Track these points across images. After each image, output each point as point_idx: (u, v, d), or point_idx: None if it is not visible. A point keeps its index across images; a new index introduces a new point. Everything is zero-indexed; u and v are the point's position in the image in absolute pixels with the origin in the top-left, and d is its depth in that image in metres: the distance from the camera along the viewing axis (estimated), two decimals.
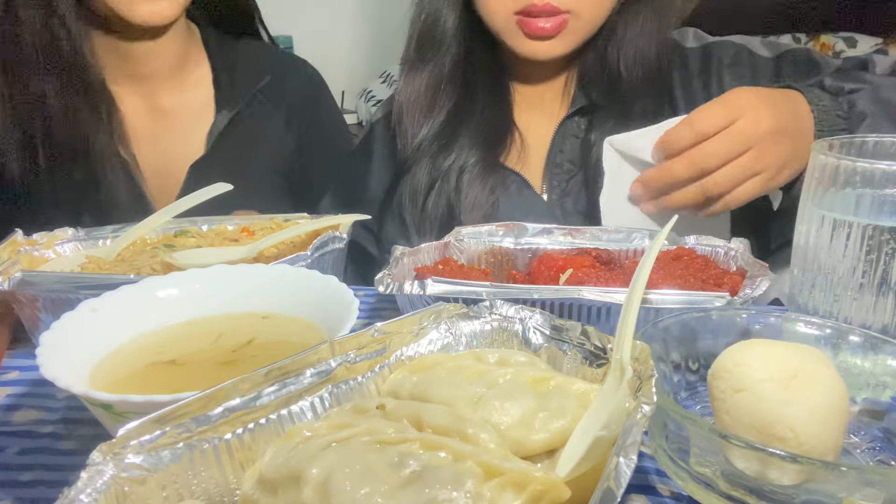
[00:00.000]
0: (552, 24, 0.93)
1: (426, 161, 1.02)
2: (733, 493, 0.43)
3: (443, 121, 1.03)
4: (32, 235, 0.77)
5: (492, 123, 1.03)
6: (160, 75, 1.14)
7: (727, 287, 0.63)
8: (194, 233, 0.84)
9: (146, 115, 1.15)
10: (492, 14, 0.97)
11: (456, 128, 1.02)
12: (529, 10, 0.92)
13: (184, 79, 1.17)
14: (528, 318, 0.50)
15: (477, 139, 1.01)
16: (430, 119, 1.03)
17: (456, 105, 1.03)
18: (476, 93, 1.04)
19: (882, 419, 0.51)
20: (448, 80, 1.03)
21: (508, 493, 0.34)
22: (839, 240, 0.55)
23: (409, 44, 1.06)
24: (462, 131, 1.02)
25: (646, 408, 0.37)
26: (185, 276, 0.62)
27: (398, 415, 0.42)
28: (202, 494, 0.40)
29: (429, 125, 1.03)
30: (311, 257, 0.70)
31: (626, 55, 0.98)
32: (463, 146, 1.01)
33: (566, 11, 0.93)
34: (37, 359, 0.47)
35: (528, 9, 0.92)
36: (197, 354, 0.55)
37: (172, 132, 1.15)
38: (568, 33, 0.95)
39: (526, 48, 0.97)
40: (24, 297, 0.66)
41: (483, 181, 0.98)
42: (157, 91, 1.15)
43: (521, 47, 0.97)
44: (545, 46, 0.96)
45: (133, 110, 1.13)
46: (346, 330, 0.50)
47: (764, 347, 0.47)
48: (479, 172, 0.99)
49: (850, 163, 0.54)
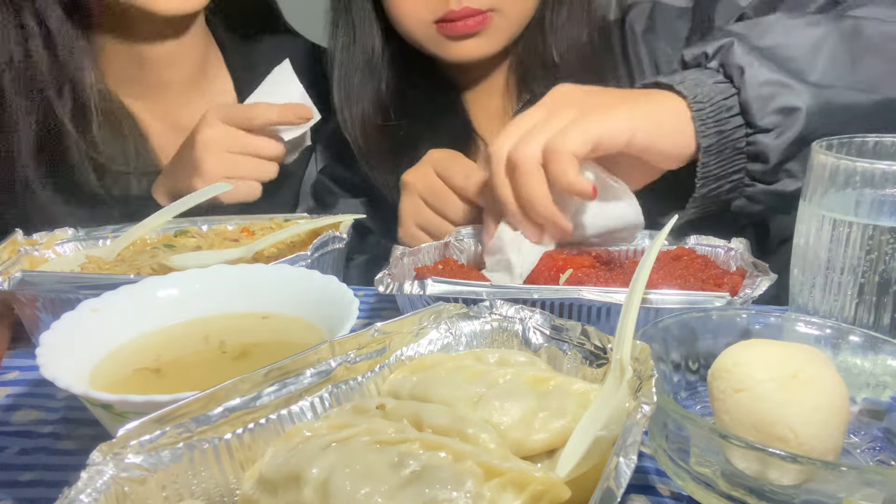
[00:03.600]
0: (473, 21, 0.91)
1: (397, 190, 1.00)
2: (733, 493, 0.43)
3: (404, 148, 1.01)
4: (32, 235, 0.77)
5: (452, 137, 1.01)
6: (178, 86, 1.10)
7: (727, 287, 0.63)
8: (194, 233, 0.84)
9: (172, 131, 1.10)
10: (410, 27, 0.95)
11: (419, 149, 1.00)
12: (448, 16, 0.90)
13: (203, 92, 1.13)
14: (528, 318, 0.50)
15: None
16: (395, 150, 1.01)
17: (411, 128, 1.02)
18: (427, 111, 1.03)
19: (882, 419, 0.51)
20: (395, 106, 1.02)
21: (508, 493, 0.34)
22: (839, 240, 0.55)
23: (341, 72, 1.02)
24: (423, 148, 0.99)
25: (646, 408, 0.37)
26: (185, 276, 0.62)
27: (398, 415, 0.42)
28: (202, 494, 0.40)
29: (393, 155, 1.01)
30: (311, 257, 0.70)
31: (558, 43, 0.96)
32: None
33: (488, 10, 0.91)
34: (37, 359, 0.47)
35: (446, 15, 0.90)
36: (197, 354, 0.55)
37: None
38: (494, 31, 0.93)
39: (453, 51, 0.94)
40: (24, 297, 0.66)
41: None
42: (175, 108, 1.11)
43: (448, 52, 0.95)
44: (473, 44, 0.94)
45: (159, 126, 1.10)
46: (346, 330, 0.50)
47: (764, 347, 0.47)
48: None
49: (850, 163, 0.54)
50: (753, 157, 0.71)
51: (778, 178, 0.72)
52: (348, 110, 1.02)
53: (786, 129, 0.69)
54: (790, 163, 0.71)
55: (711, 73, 0.73)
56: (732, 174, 0.73)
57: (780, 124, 0.69)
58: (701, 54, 0.75)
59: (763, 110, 0.69)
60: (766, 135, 0.70)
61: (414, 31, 0.95)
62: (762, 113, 0.69)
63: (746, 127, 0.71)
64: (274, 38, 1.21)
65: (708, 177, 0.72)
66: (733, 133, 0.71)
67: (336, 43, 1.02)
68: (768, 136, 0.70)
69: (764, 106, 0.69)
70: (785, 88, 0.69)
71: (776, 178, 0.72)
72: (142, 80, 1.08)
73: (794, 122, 0.69)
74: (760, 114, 0.69)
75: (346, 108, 1.02)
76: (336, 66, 1.02)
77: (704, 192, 0.73)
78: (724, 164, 0.72)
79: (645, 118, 0.69)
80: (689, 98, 0.70)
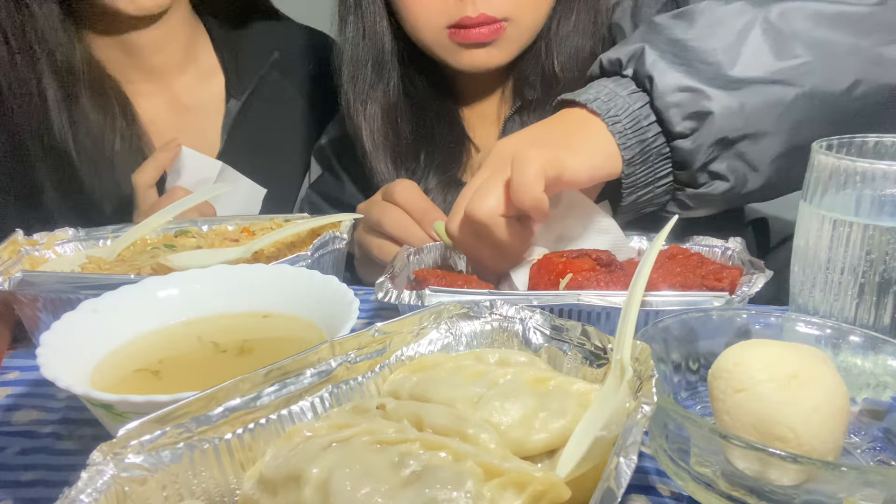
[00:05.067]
0: (488, 29, 0.89)
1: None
2: (733, 493, 0.43)
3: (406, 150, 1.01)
4: (33, 235, 0.77)
5: (446, 144, 1.01)
6: (172, 67, 1.13)
7: (727, 280, 0.63)
8: (194, 233, 0.84)
9: (167, 112, 1.14)
10: (421, 30, 0.92)
11: (417, 153, 1.01)
12: (463, 23, 0.88)
13: (197, 71, 1.16)
14: (528, 318, 0.50)
15: (433, 163, 1.00)
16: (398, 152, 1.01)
17: (412, 132, 1.01)
18: (426, 115, 1.02)
19: (882, 419, 0.51)
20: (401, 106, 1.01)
21: (508, 494, 0.34)
22: (839, 240, 0.55)
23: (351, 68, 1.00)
24: (421, 155, 1.00)
25: (646, 408, 0.37)
26: (185, 276, 0.62)
27: (398, 415, 0.42)
28: (202, 494, 0.40)
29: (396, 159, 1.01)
30: (312, 257, 0.70)
31: (560, 54, 0.95)
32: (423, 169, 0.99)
33: (502, 20, 0.89)
34: (37, 359, 0.47)
35: (461, 21, 0.88)
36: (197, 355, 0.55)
37: (194, 127, 1.14)
38: (507, 41, 0.92)
39: (464, 60, 0.92)
40: (24, 297, 0.66)
41: (444, 202, 0.97)
42: (173, 86, 1.14)
43: (458, 60, 0.93)
44: (484, 54, 0.92)
45: (154, 109, 1.12)
46: (347, 330, 0.50)
47: (764, 347, 0.47)
48: (440, 194, 0.98)
49: (850, 163, 0.54)
50: (677, 162, 0.71)
51: (704, 180, 0.72)
52: (357, 107, 1.01)
53: (702, 132, 0.69)
54: (714, 164, 0.70)
55: (627, 82, 0.72)
56: (660, 179, 0.73)
57: (696, 128, 0.69)
58: (616, 61, 0.74)
59: (677, 117, 0.69)
60: (684, 140, 0.70)
61: (425, 35, 0.93)
62: (676, 119, 0.69)
63: (664, 134, 0.70)
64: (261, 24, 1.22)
65: (635, 185, 0.72)
66: (654, 140, 0.71)
67: (345, 37, 1.00)
68: (686, 140, 0.69)
69: (677, 113, 0.69)
70: (696, 93, 0.69)
71: (703, 181, 0.72)
72: (131, 64, 1.10)
73: (710, 126, 0.69)
74: (675, 120, 0.69)
75: (355, 105, 1.01)
76: (346, 61, 1.00)
77: (632, 199, 0.73)
78: (650, 170, 0.72)
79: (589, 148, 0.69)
80: (602, 115, 0.70)
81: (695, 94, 0.69)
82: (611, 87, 0.72)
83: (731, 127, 0.69)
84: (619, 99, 0.71)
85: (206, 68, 1.17)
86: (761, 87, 0.69)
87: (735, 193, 0.73)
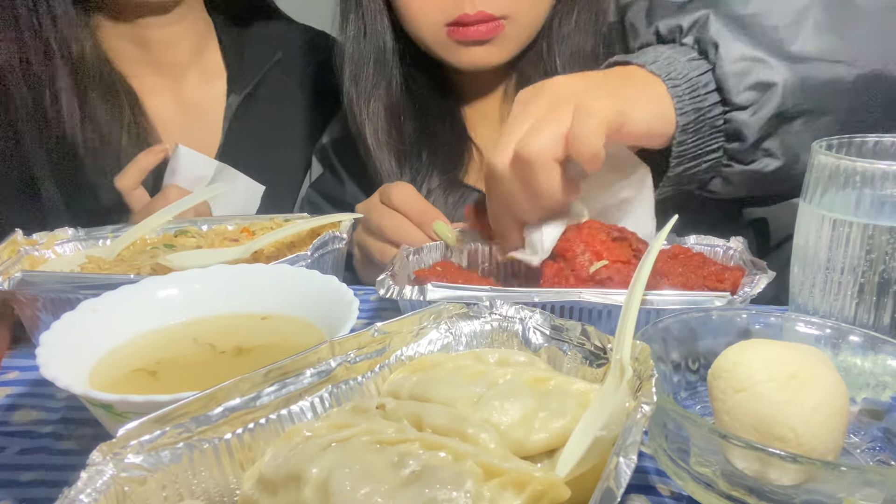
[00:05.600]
0: (486, 27, 0.89)
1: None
2: (733, 493, 0.43)
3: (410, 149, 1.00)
4: (32, 235, 0.77)
5: (448, 144, 1.01)
6: (181, 64, 1.14)
7: (728, 281, 0.63)
8: (194, 233, 0.84)
9: (172, 109, 1.15)
10: (420, 28, 0.93)
11: (420, 151, 1.00)
12: (461, 20, 0.88)
13: (203, 70, 1.17)
14: (528, 318, 0.50)
15: (435, 162, 0.99)
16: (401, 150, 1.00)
17: (414, 130, 1.01)
18: (428, 114, 1.02)
19: (882, 419, 0.51)
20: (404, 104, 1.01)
21: (508, 493, 0.34)
22: (839, 240, 0.55)
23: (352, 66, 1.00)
24: (423, 154, 1.00)
25: (646, 408, 0.37)
26: (185, 276, 0.62)
27: (398, 415, 0.42)
28: (202, 494, 0.40)
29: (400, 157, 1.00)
30: (311, 257, 0.70)
31: (562, 52, 0.95)
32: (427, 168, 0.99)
33: (501, 17, 0.89)
34: (37, 359, 0.47)
35: (459, 19, 0.88)
36: (196, 355, 0.55)
37: (196, 124, 1.15)
38: (505, 39, 0.92)
39: (463, 58, 0.93)
40: (24, 297, 0.66)
41: (445, 203, 0.97)
42: (180, 83, 1.15)
43: (457, 58, 0.93)
44: (483, 52, 0.92)
45: (160, 105, 1.13)
46: (346, 330, 0.50)
47: (764, 347, 0.47)
48: (442, 195, 0.97)
49: (850, 163, 0.54)
50: (730, 134, 0.70)
51: (756, 157, 0.71)
52: (360, 105, 1.01)
53: (762, 105, 0.68)
54: (768, 140, 0.70)
55: (686, 49, 0.71)
56: (709, 153, 0.71)
57: (756, 100, 0.68)
58: (676, 27, 0.73)
59: (738, 86, 0.68)
60: (743, 112, 0.69)
61: (424, 33, 0.93)
62: (737, 89, 0.68)
63: (722, 104, 0.69)
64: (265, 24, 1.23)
65: (684, 156, 0.71)
66: (710, 110, 0.69)
67: (346, 35, 1.00)
68: (744, 112, 0.68)
69: (739, 82, 0.68)
70: (760, 63, 0.68)
71: (754, 157, 0.71)
72: (142, 58, 1.11)
73: (771, 98, 0.68)
74: (736, 90, 0.68)
75: (358, 103, 1.01)
76: (347, 59, 1.00)
77: (679, 170, 0.72)
78: (701, 142, 0.71)
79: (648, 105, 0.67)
80: (662, 76, 0.69)
81: (759, 63, 0.68)
82: (669, 53, 0.71)
83: (792, 102, 0.68)
84: (678, 64, 0.70)
85: (212, 68, 1.18)
86: (823, 64, 0.68)
87: (783, 173, 0.72)
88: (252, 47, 1.19)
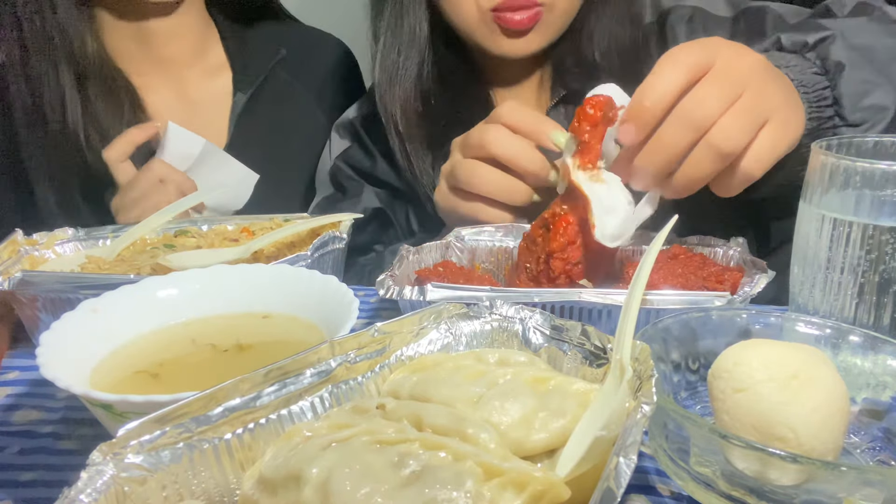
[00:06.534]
0: (527, 16, 0.91)
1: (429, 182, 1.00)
2: (733, 493, 0.43)
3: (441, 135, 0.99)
4: (32, 235, 0.77)
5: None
6: (183, 60, 1.15)
7: (728, 283, 0.63)
8: (194, 233, 0.84)
9: (175, 105, 1.15)
10: (463, 13, 0.93)
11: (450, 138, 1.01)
12: (504, 4, 0.90)
13: (206, 66, 1.18)
14: (528, 318, 0.50)
15: None
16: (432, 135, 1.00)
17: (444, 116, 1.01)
18: (459, 101, 1.02)
19: (882, 419, 0.51)
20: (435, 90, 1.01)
21: (508, 493, 0.34)
22: (839, 240, 0.55)
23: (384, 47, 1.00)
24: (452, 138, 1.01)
25: (646, 408, 0.37)
26: (185, 276, 0.62)
27: (398, 415, 0.42)
28: (202, 494, 0.40)
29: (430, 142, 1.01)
30: (311, 257, 0.70)
31: (599, 43, 0.96)
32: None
33: (539, 3, 0.91)
34: (37, 359, 0.47)
35: (503, 3, 0.90)
36: (196, 355, 0.55)
37: (201, 121, 1.15)
38: (543, 27, 0.93)
39: (504, 46, 0.94)
40: (24, 297, 0.66)
41: None
42: (183, 79, 1.16)
43: (498, 46, 0.94)
44: (523, 42, 0.94)
45: (162, 101, 1.14)
46: (347, 330, 0.50)
47: (764, 347, 0.47)
48: None
49: (850, 163, 0.54)
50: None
51: None
52: (389, 91, 1.01)
53: (874, 125, 0.72)
54: None
55: (810, 63, 0.74)
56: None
57: (869, 120, 0.72)
58: (801, 42, 0.76)
59: (855, 106, 0.72)
60: (855, 129, 0.72)
61: (467, 18, 0.94)
62: (853, 108, 0.72)
63: (836, 118, 0.73)
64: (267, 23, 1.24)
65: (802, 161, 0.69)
66: (826, 122, 0.73)
67: (380, 24, 1.01)
68: (856, 130, 0.72)
69: (856, 102, 0.72)
70: (877, 87, 0.72)
71: None
72: (143, 55, 1.12)
73: (882, 119, 0.72)
74: (851, 108, 0.72)
75: (387, 89, 1.01)
76: (381, 45, 1.01)
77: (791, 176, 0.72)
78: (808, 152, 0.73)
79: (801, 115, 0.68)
80: (795, 81, 0.71)
81: (876, 87, 0.72)
82: (797, 62, 0.74)
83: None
84: (805, 74, 0.73)
85: (215, 64, 1.19)
86: None
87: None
88: (255, 44, 1.20)
